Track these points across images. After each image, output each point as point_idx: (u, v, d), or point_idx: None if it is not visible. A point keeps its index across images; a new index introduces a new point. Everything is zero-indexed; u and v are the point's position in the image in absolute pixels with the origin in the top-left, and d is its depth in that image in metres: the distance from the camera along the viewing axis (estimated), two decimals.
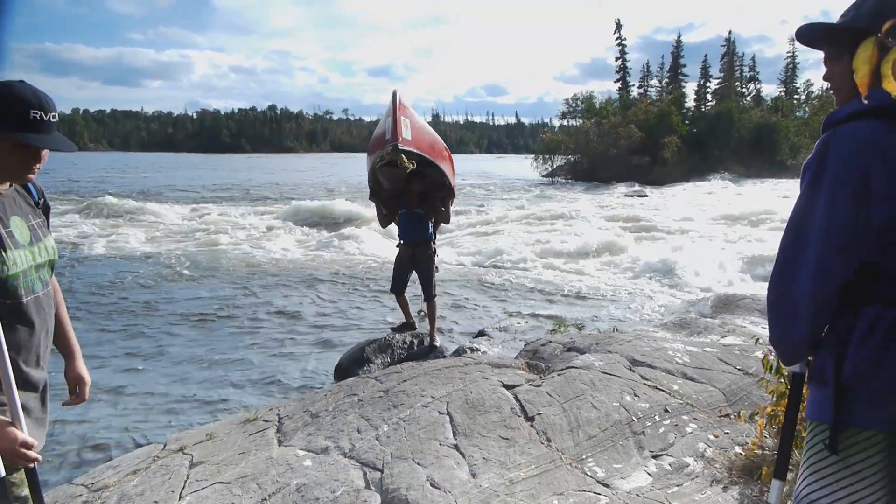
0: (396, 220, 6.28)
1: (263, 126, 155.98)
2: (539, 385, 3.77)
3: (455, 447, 3.11)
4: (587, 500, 2.76)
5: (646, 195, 31.92)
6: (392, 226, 6.58)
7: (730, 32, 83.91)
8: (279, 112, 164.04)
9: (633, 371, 4.10)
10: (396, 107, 5.43)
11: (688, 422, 3.51)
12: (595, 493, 2.82)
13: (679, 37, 61.22)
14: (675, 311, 8.45)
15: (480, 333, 7.33)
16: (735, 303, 7.46)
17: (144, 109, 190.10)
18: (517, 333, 7.19)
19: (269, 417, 3.68)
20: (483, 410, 3.44)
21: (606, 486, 2.91)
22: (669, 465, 3.13)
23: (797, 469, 1.52)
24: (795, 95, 62.28)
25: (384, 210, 6.40)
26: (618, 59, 59.22)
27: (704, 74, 59.85)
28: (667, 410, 3.58)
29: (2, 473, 1.56)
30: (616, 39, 58.61)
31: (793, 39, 62.49)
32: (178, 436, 3.68)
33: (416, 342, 6.19)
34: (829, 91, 1.55)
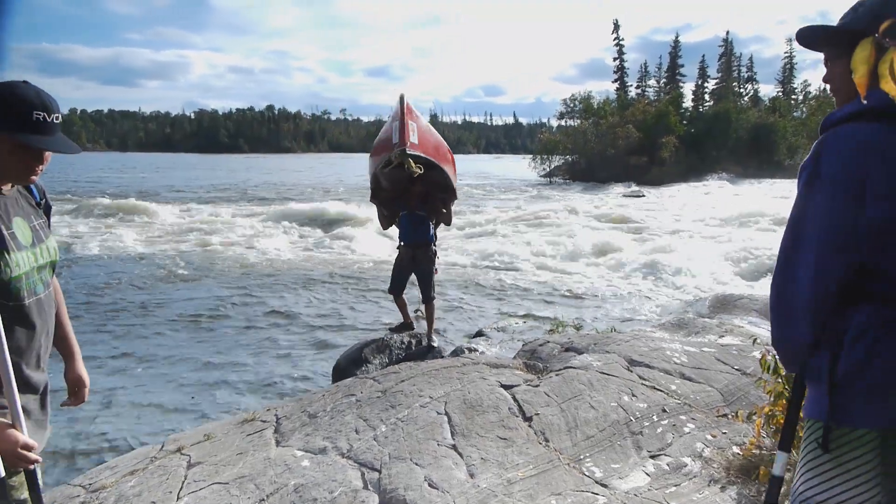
0: (397, 222, 6.27)
1: (261, 126, 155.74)
2: (537, 385, 3.77)
3: (453, 447, 3.11)
4: (585, 501, 2.76)
5: (643, 195, 31.96)
6: (383, 224, 6.58)
7: (727, 33, 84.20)
8: (277, 112, 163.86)
9: (631, 371, 4.10)
10: (404, 111, 5.45)
11: (686, 422, 3.52)
12: (593, 494, 2.82)
13: (677, 37, 61.37)
14: (673, 312, 8.46)
15: (478, 334, 7.33)
16: (733, 303, 7.47)
17: (142, 109, 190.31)
18: (515, 334, 7.19)
19: (267, 418, 3.68)
20: (481, 411, 3.44)
21: (604, 487, 2.92)
22: (667, 465, 3.14)
23: (794, 469, 1.53)
24: (793, 96, 62.49)
25: (385, 212, 6.39)
26: (615, 60, 59.35)
27: (702, 75, 59.91)
28: (665, 410, 3.59)
29: (1, 474, 1.55)
30: (614, 40, 58.80)
31: (790, 40, 63.01)
32: (176, 436, 3.67)
33: (414, 342, 6.18)
34: (828, 91, 1.56)
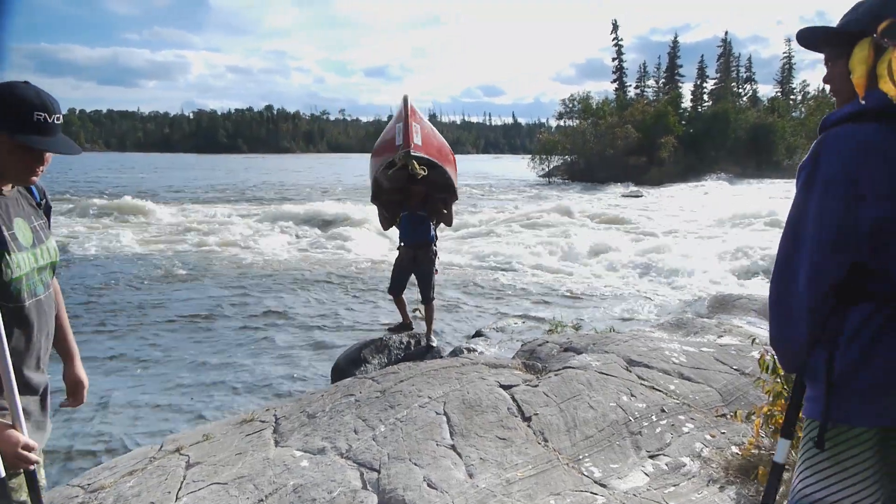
0: (397, 223, 6.26)
1: (260, 126, 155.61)
2: (536, 385, 3.77)
3: (452, 447, 3.11)
4: (584, 501, 2.76)
5: (642, 195, 32.00)
6: (384, 225, 6.57)
7: (726, 33, 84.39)
8: (276, 112, 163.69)
9: (630, 371, 4.11)
10: (409, 113, 5.45)
11: (684, 422, 3.52)
12: (592, 494, 2.82)
13: (676, 37, 61.62)
14: (672, 312, 8.46)
15: (477, 334, 7.33)
16: (731, 303, 7.47)
17: (141, 110, 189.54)
18: (514, 334, 7.19)
19: (266, 418, 3.67)
20: (480, 411, 3.44)
21: (603, 486, 2.92)
22: (666, 465, 3.14)
23: (793, 469, 1.53)
24: (791, 96, 62.56)
25: (386, 213, 6.38)
26: (614, 60, 59.44)
27: (701, 75, 59.97)
28: (663, 410, 3.59)
29: (1, 474, 1.54)
30: (613, 40, 58.91)
31: (789, 40, 63.05)
32: (175, 436, 3.66)
33: (413, 343, 6.18)
34: (827, 92, 1.56)
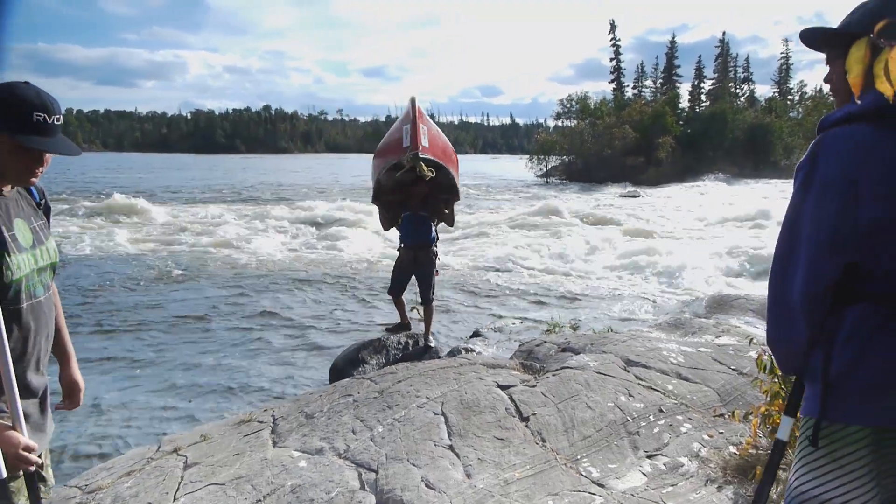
0: (398, 223, 6.26)
1: (258, 126, 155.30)
2: (534, 385, 3.77)
3: (450, 448, 3.11)
4: (582, 501, 2.76)
5: (639, 195, 32.02)
6: (385, 225, 6.57)
7: (724, 33, 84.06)
8: (274, 112, 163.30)
9: (628, 371, 4.11)
10: (416, 114, 5.47)
11: (682, 422, 3.52)
12: (590, 494, 2.82)
13: (673, 37, 61.68)
14: (670, 312, 8.47)
15: (475, 334, 7.33)
16: (729, 303, 7.48)
17: (138, 110, 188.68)
18: (512, 334, 7.19)
19: (264, 418, 3.67)
20: (478, 411, 3.44)
21: (601, 487, 2.92)
22: (664, 465, 3.14)
23: (790, 469, 1.53)
24: (789, 96, 62.65)
25: (387, 213, 6.37)
26: (612, 60, 59.45)
27: (698, 75, 60.03)
28: (661, 410, 3.59)
29: (3, 475, 1.53)
30: (610, 40, 58.94)
31: (787, 40, 63.21)
32: (172, 437, 3.66)
33: (411, 343, 6.18)
34: (824, 92, 1.57)
